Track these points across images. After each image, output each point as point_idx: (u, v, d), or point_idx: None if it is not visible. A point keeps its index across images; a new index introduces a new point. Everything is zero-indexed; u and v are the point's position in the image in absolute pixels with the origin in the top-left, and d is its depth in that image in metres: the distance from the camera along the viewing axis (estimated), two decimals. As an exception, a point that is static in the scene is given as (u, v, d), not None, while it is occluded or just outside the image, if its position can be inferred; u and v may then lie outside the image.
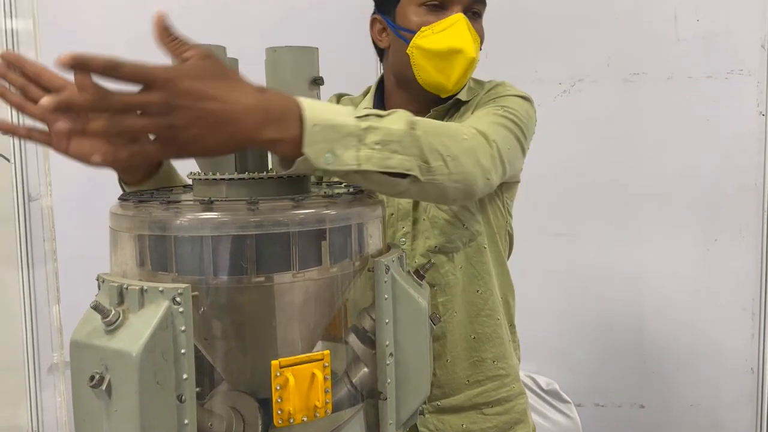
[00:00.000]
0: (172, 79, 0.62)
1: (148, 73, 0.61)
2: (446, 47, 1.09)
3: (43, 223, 1.59)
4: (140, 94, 0.61)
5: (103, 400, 0.69)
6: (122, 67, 0.60)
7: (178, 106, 0.62)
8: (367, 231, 0.85)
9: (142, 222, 0.77)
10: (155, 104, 0.61)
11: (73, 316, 1.58)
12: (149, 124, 0.62)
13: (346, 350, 0.88)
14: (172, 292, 0.71)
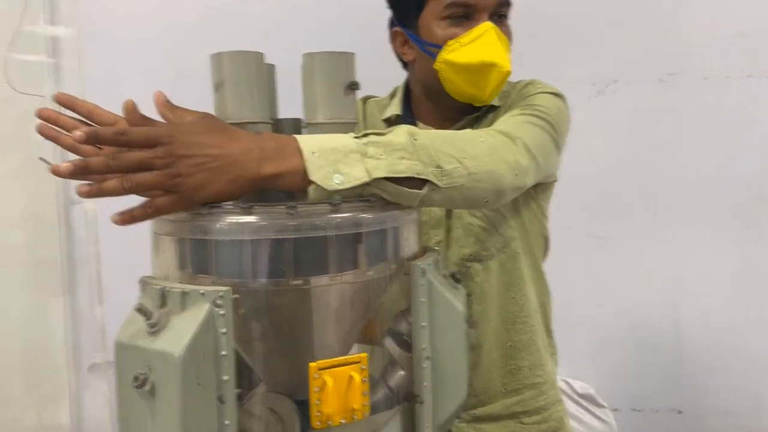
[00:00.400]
0: (173, 134, 0.70)
1: (152, 133, 0.70)
2: (478, 61, 1.05)
3: (87, 227, 1.63)
4: (147, 151, 0.69)
5: (147, 400, 0.71)
6: (129, 134, 0.69)
7: (181, 156, 0.69)
8: (403, 234, 0.86)
9: (183, 226, 0.78)
10: (161, 157, 0.68)
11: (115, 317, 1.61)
12: (157, 176, 0.69)
13: (382, 353, 0.88)
14: (213, 294, 0.72)
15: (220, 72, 0.86)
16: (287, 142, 0.75)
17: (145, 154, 0.69)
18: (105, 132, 0.70)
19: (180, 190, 0.71)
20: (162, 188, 0.71)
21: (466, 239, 1.12)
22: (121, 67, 1.78)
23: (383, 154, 0.76)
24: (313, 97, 0.87)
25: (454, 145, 0.82)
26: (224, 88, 0.85)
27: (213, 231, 0.77)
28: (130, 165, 0.69)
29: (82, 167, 0.69)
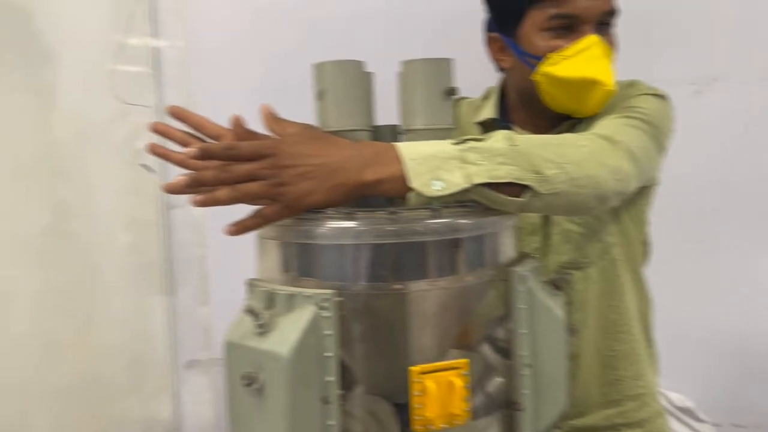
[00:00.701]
0: (277, 146, 0.75)
1: (258, 147, 0.75)
2: (580, 76, 1.00)
3: (194, 232, 1.71)
4: (254, 163, 0.73)
5: (255, 398, 0.74)
6: (237, 148, 0.74)
7: (285, 166, 0.73)
8: (501, 240, 0.85)
9: (287, 230, 0.81)
10: (266, 168, 0.73)
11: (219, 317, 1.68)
12: (263, 186, 0.73)
13: (478, 359, 0.88)
14: (317, 297, 0.74)
15: (322, 81, 0.88)
16: (387, 149, 0.77)
17: (252, 166, 0.74)
18: (215, 148, 0.76)
19: (285, 198, 0.75)
20: (268, 197, 0.75)
21: (564, 246, 1.09)
22: (221, 77, 1.86)
23: (483, 159, 0.77)
24: (411, 104, 0.88)
25: (554, 150, 0.81)
26: (326, 96, 0.88)
27: (316, 235, 0.79)
28: (239, 177, 0.74)
29: (195, 180, 0.75)
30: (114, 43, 2.00)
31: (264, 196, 0.75)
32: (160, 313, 1.95)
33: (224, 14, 1.84)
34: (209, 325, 1.65)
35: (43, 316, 2.05)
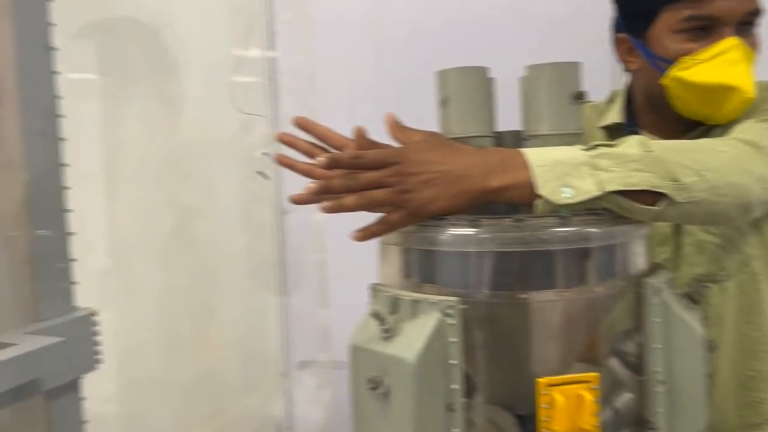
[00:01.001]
0: (402, 153, 0.77)
1: (384, 155, 0.77)
2: (715, 82, 0.94)
3: (314, 236, 1.77)
4: (380, 171, 0.75)
5: (380, 402, 0.75)
6: (364, 157, 0.77)
7: (409, 173, 0.74)
8: (633, 250, 0.82)
9: (410, 236, 0.82)
10: (391, 176, 0.75)
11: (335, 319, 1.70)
12: (388, 193, 0.75)
13: (606, 373, 0.85)
14: (442, 304, 0.74)
15: (445, 88, 0.88)
16: (513, 156, 0.76)
17: (378, 174, 0.76)
18: (343, 157, 0.80)
19: (409, 205, 0.76)
20: (393, 204, 0.77)
21: (698, 257, 1.03)
22: (337, 86, 1.90)
23: (615, 166, 0.74)
24: (537, 109, 0.86)
25: (691, 157, 0.77)
26: (449, 103, 0.88)
27: (439, 242, 0.79)
28: (365, 184, 0.76)
29: (324, 188, 0.78)
30: (233, 55, 2.10)
31: (389, 203, 0.77)
32: (274, 314, 2.02)
33: (340, 24, 1.89)
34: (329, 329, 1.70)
35: (167, 314, 2.19)
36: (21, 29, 1.04)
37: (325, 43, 1.87)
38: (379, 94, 1.77)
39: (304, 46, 1.96)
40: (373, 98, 1.76)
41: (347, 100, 1.84)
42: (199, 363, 2.02)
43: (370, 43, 1.86)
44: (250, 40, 2.11)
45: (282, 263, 2.06)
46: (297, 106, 1.99)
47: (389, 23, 1.82)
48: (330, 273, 1.81)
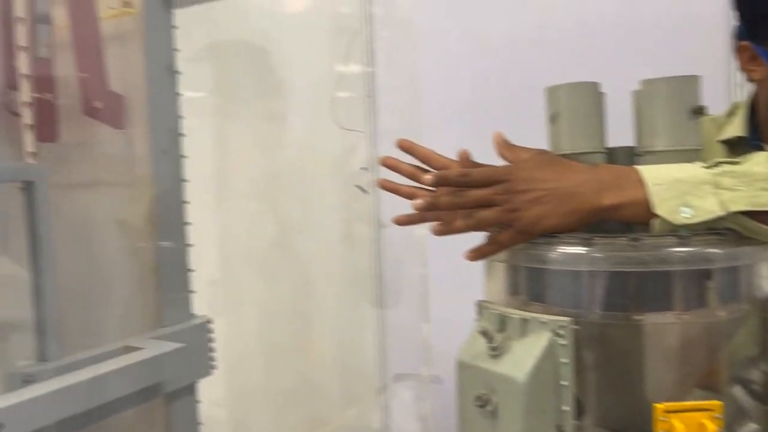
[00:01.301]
0: (511, 172, 0.76)
1: (491, 173, 0.76)
2: None
3: (417, 251, 1.80)
4: (487, 189, 0.75)
5: (488, 420, 0.74)
6: (471, 175, 0.76)
7: (518, 191, 0.74)
8: (758, 272, 0.77)
9: (518, 254, 0.81)
10: (500, 194, 0.74)
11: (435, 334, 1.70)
12: (497, 212, 0.74)
13: (728, 402, 0.80)
14: (554, 324, 0.73)
15: (555, 104, 0.87)
16: (627, 173, 0.74)
17: (486, 192, 0.75)
18: (450, 174, 0.80)
19: (518, 224, 0.75)
20: (502, 223, 0.76)
21: None
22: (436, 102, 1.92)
23: (741, 185, 0.70)
24: (652, 124, 0.84)
25: None
26: (559, 119, 0.86)
27: (549, 260, 0.78)
28: (472, 202, 0.76)
29: (431, 204, 0.78)
30: (334, 72, 2.17)
31: (497, 223, 0.77)
32: (372, 327, 2.05)
33: (440, 40, 1.90)
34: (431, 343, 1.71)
35: (268, 323, 2.28)
36: (150, 54, 1.13)
37: (425, 59, 1.89)
38: (481, 110, 1.77)
39: (403, 62, 1.99)
40: (475, 114, 1.77)
41: (448, 116, 1.85)
42: (299, 372, 2.08)
43: (470, 59, 1.86)
44: (350, 57, 2.17)
45: (379, 276, 2.09)
46: (396, 121, 2.02)
47: (491, 38, 1.81)
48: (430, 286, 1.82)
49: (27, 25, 1.06)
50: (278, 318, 2.28)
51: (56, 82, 1.10)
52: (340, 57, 2.17)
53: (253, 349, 2.19)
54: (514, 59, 1.76)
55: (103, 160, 1.15)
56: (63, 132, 1.13)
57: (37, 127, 1.04)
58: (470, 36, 1.86)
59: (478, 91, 1.83)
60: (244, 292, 2.27)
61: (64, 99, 1.11)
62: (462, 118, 1.81)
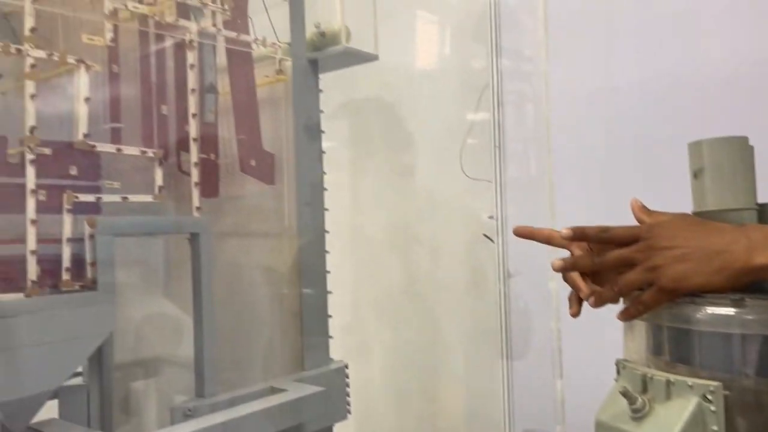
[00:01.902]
0: (652, 228, 0.74)
1: (632, 228, 0.74)
2: None
3: (550, 305, 1.78)
4: (627, 248, 0.73)
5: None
6: (611, 231, 0.75)
7: (661, 248, 0.71)
8: None
9: (661, 313, 0.79)
10: (641, 251, 0.72)
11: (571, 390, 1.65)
12: (639, 272, 0.72)
13: None
14: (702, 388, 0.70)
15: (698, 159, 0.85)
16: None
17: (626, 250, 0.74)
18: (589, 229, 0.78)
19: (661, 282, 0.73)
20: (646, 284, 0.74)
21: None
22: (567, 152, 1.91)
23: None
24: (809, 180, 0.79)
25: None
26: (703, 175, 0.84)
27: (696, 321, 0.75)
28: (613, 261, 0.75)
29: (571, 265, 0.78)
30: (462, 123, 2.21)
31: (642, 285, 0.74)
32: (500, 378, 2.02)
33: (570, 90, 1.90)
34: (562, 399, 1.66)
35: (396, 369, 2.31)
36: (298, 116, 1.24)
37: (555, 109, 1.89)
38: (613, 162, 1.73)
39: (532, 112, 2.01)
40: (607, 166, 1.73)
41: (579, 167, 1.83)
42: (426, 419, 2.09)
43: (602, 109, 1.83)
44: (479, 108, 2.21)
45: (508, 327, 2.06)
46: (524, 171, 2.03)
47: (624, 87, 1.78)
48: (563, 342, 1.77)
49: (197, 95, 1.20)
50: (405, 364, 2.31)
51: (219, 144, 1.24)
52: (469, 109, 2.22)
53: (381, 394, 2.23)
54: (649, 109, 1.71)
55: (254, 212, 1.26)
56: (222, 187, 1.25)
57: (201, 184, 1.17)
58: (602, 86, 1.84)
59: (610, 143, 1.80)
60: (373, 338, 2.33)
61: (224, 158, 1.24)
62: (593, 169, 1.78)
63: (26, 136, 1.01)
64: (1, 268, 0.97)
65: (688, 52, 1.66)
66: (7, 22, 1.21)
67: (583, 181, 1.81)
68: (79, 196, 1.04)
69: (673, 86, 1.67)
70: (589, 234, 0.78)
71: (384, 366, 2.32)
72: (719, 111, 1.55)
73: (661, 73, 1.71)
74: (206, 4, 1.28)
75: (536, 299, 1.90)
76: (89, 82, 1.09)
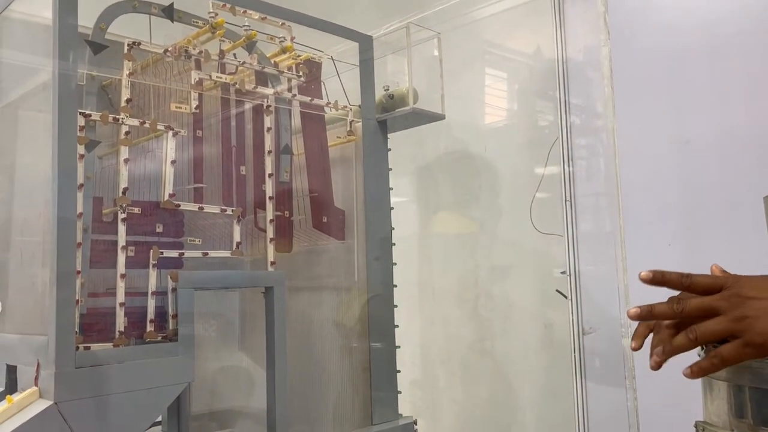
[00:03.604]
0: (738, 278, 0.68)
1: (716, 279, 0.69)
2: None
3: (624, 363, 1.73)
4: (711, 296, 0.68)
5: None
6: (694, 277, 0.69)
7: (748, 297, 0.66)
8: None
9: (743, 372, 0.75)
10: (724, 299, 0.67)
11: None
12: (722, 321, 0.67)
13: None
14: (788, 453, 0.67)
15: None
16: None
17: (709, 298, 0.68)
18: (670, 274, 0.71)
19: (749, 335, 0.66)
20: (728, 334, 0.68)
21: None
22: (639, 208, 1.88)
23: None
24: None
25: None
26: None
27: (780, 381, 0.72)
28: (694, 309, 0.69)
29: (647, 311, 0.71)
30: (533, 179, 2.21)
31: (723, 335, 0.68)
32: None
33: (641, 144, 1.88)
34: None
35: (465, 426, 2.26)
36: (367, 174, 1.28)
37: (626, 163, 1.87)
38: (686, 216, 1.69)
39: (603, 167, 1.99)
40: (680, 220, 1.69)
41: (651, 221, 1.79)
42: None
43: (675, 162, 1.80)
44: (549, 164, 2.21)
45: (582, 386, 1.99)
46: (596, 225, 2.00)
47: (697, 140, 1.75)
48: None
49: (273, 156, 1.26)
50: (477, 422, 2.25)
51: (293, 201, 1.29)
52: (539, 164, 2.22)
53: (451, 453, 2.18)
54: (724, 162, 1.67)
55: (326, 267, 1.30)
56: (295, 243, 1.30)
57: (276, 240, 1.22)
58: (674, 137, 1.81)
59: (682, 198, 1.76)
60: (443, 395, 2.30)
61: (298, 215, 1.29)
62: (666, 223, 1.74)
63: (119, 197, 1.10)
64: (94, 319, 1.04)
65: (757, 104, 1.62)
66: (105, 93, 1.33)
67: (656, 237, 1.77)
68: (163, 252, 1.11)
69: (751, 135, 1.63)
70: (669, 279, 0.71)
71: (454, 422, 2.27)
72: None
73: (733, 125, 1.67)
74: (282, 71, 1.36)
75: (611, 357, 1.83)
76: (175, 146, 1.17)
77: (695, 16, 1.77)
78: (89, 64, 1.17)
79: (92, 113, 1.11)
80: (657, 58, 1.82)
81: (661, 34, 1.84)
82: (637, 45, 1.88)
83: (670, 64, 1.79)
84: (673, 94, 1.81)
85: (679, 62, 1.78)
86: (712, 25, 1.72)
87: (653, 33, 1.86)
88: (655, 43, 1.84)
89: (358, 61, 1.53)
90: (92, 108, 1.18)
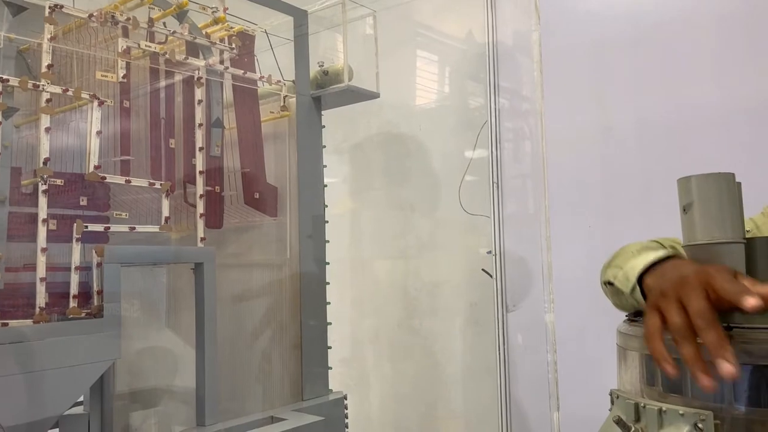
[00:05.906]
0: None
1: None
2: None
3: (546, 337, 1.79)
4: None
5: None
6: None
7: None
8: None
9: (653, 343, 0.80)
10: None
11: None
12: None
13: None
14: (693, 417, 0.72)
15: (688, 194, 0.88)
16: None
17: None
18: None
19: None
20: None
21: None
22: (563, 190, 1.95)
23: None
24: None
25: None
26: (692, 209, 0.87)
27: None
28: None
29: None
30: (461, 161, 2.26)
31: None
32: (497, 412, 2.02)
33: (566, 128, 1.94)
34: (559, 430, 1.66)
35: (394, 402, 2.31)
36: (301, 150, 1.28)
37: (551, 146, 1.93)
38: (609, 197, 1.77)
39: (529, 150, 2.05)
40: (603, 201, 1.77)
41: (575, 203, 1.86)
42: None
43: (598, 146, 1.88)
44: (477, 147, 2.25)
45: (505, 361, 2.07)
46: (521, 207, 2.06)
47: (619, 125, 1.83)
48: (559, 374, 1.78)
49: (204, 129, 1.23)
50: (404, 397, 2.30)
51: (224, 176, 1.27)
52: (468, 146, 2.26)
53: (379, 427, 2.22)
54: (642, 148, 1.76)
55: (257, 244, 1.29)
56: (225, 219, 1.28)
57: (206, 215, 1.20)
58: (597, 123, 1.89)
59: (604, 179, 1.84)
60: (372, 371, 2.34)
61: (229, 191, 1.27)
62: (587, 205, 1.82)
63: (39, 168, 1.05)
64: (12, 294, 0.99)
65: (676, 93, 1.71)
66: (23, 59, 1.26)
67: (577, 218, 1.85)
68: (88, 225, 1.07)
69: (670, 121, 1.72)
70: None
71: (383, 398, 2.32)
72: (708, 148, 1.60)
73: (653, 112, 1.76)
74: (214, 43, 1.33)
75: (533, 333, 1.91)
76: (101, 116, 1.12)
77: (620, 6, 1.85)
78: (7, 25, 1.11)
79: (10, 78, 1.06)
80: (583, 45, 1.88)
81: (587, 23, 1.90)
82: (566, 32, 1.94)
83: (595, 52, 1.86)
84: (597, 81, 1.88)
85: (604, 51, 1.85)
86: (635, 15, 1.80)
87: (581, 21, 1.92)
88: (582, 31, 1.91)
89: (293, 35, 1.51)
90: (10, 73, 1.11)
